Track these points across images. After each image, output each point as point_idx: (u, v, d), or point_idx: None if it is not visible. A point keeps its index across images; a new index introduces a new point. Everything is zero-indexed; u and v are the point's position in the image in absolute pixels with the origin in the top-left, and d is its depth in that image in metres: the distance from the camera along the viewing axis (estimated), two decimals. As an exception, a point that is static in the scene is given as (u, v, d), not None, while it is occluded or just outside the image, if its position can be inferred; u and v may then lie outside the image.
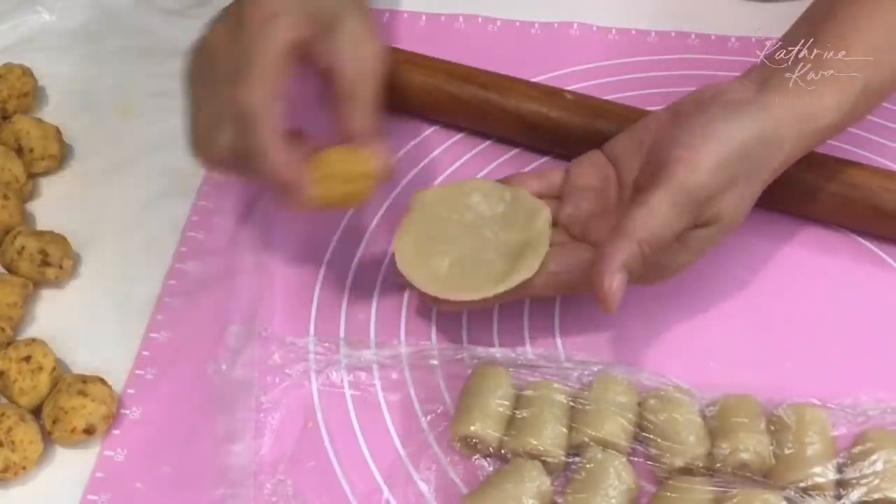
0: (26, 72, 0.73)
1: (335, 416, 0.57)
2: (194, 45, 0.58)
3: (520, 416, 0.54)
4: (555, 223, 0.58)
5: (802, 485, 0.51)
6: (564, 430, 0.54)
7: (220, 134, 0.54)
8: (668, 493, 0.52)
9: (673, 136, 0.54)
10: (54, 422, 0.55)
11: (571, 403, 0.55)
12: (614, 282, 0.51)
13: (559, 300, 0.61)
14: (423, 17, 0.78)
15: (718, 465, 0.53)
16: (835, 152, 0.65)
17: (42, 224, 0.67)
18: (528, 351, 0.59)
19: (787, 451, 0.53)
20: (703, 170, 0.52)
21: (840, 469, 0.52)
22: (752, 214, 0.64)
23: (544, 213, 0.57)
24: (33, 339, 0.58)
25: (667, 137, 0.55)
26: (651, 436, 0.54)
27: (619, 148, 0.59)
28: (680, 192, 0.52)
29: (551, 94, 0.67)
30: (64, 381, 0.56)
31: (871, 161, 0.66)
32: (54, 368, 0.57)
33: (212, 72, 0.56)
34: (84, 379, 0.56)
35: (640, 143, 0.58)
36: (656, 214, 0.52)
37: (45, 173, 0.70)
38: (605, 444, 0.53)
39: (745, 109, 0.54)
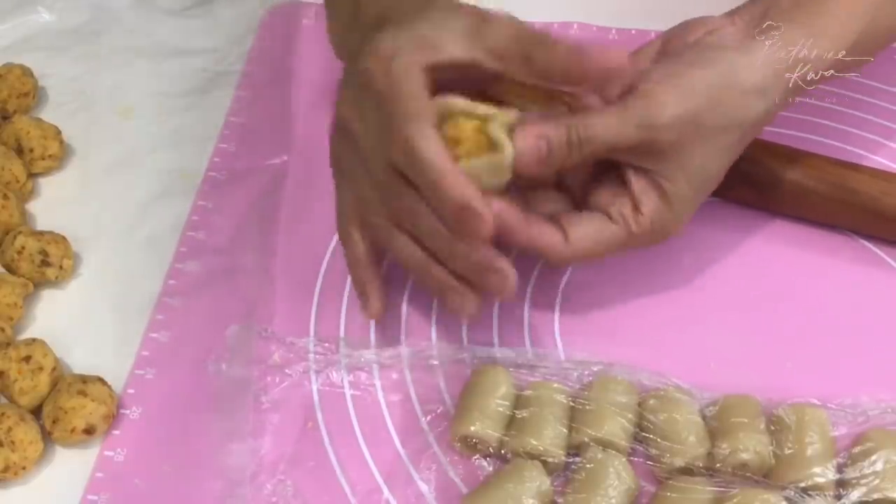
0: (26, 72, 0.73)
1: (335, 416, 0.57)
2: (333, 128, 0.57)
3: (520, 416, 0.54)
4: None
5: (802, 485, 0.51)
6: (564, 430, 0.54)
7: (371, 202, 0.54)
8: (668, 493, 0.52)
9: (648, 71, 0.54)
10: (54, 422, 0.55)
11: (571, 403, 0.55)
12: (527, 140, 0.51)
13: (559, 300, 0.61)
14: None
15: (718, 465, 0.53)
16: (836, 153, 0.65)
17: (42, 224, 0.67)
18: (528, 351, 0.59)
19: (787, 451, 0.52)
20: (666, 114, 0.52)
21: (840, 469, 0.52)
22: (752, 216, 0.65)
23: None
24: (33, 339, 0.58)
25: (644, 71, 0.54)
26: (651, 436, 0.54)
27: None
28: (637, 120, 0.52)
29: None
30: (64, 381, 0.56)
31: (870, 161, 0.66)
32: (54, 368, 0.57)
33: (356, 143, 0.55)
34: (84, 379, 0.56)
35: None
36: (603, 117, 0.52)
37: (45, 173, 0.70)
38: (605, 444, 0.53)
39: (722, 57, 0.54)
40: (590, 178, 0.57)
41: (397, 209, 0.54)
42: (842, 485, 0.52)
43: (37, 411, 0.56)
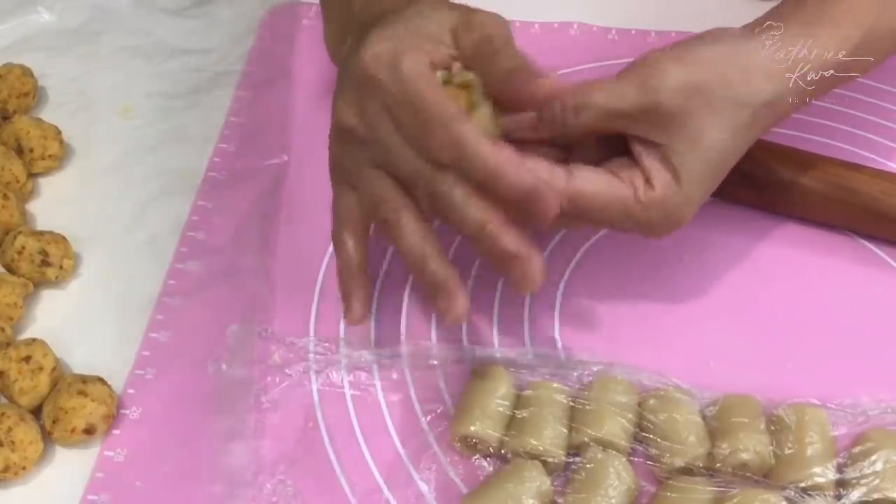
0: (26, 72, 0.73)
1: (335, 416, 0.57)
2: (331, 133, 0.57)
3: (520, 416, 0.54)
4: None
5: (802, 485, 0.51)
6: (564, 430, 0.54)
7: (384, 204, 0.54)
8: (668, 493, 0.52)
9: (652, 50, 0.54)
10: (54, 422, 0.55)
11: (571, 403, 0.55)
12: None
13: (559, 300, 0.61)
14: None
15: (718, 465, 0.53)
16: (835, 153, 0.65)
17: (42, 224, 0.67)
18: (528, 351, 0.59)
19: (787, 451, 0.52)
20: (669, 79, 0.52)
21: (840, 469, 0.52)
22: (752, 216, 0.65)
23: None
24: (33, 339, 0.58)
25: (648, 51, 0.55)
26: (651, 436, 0.54)
27: None
28: (638, 84, 0.52)
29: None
30: (64, 381, 0.56)
31: (872, 163, 0.66)
32: (54, 368, 0.57)
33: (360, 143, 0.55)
34: (84, 379, 0.56)
35: None
36: (602, 83, 0.52)
37: (45, 173, 0.70)
38: (605, 444, 0.53)
39: (724, 39, 0.54)
40: (597, 159, 0.56)
41: (423, 201, 0.54)
42: (842, 485, 0.52)
43: (37, 411, 0.56)
